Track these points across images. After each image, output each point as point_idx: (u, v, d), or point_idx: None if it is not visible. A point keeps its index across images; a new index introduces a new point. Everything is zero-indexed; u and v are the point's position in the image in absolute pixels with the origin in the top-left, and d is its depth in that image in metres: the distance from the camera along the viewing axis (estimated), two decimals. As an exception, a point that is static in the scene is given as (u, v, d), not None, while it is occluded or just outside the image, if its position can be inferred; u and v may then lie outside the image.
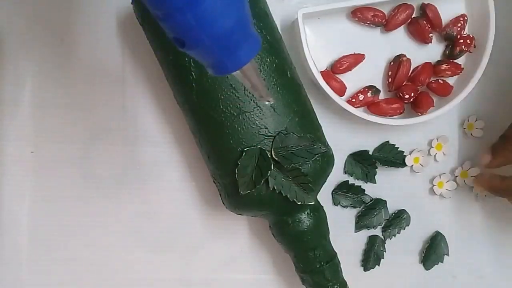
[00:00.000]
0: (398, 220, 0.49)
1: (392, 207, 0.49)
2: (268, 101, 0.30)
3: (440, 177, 0.49)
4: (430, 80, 0.47)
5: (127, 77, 0.45)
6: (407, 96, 0.46)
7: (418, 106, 0.47)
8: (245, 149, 0.38)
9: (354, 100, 0.46)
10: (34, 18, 0.44)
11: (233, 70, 0.26)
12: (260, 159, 0.38)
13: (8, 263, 0.44)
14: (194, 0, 0.23)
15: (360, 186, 0.48)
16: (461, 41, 0.47)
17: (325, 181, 0.43)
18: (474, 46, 0.47)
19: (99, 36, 0.45)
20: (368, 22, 0.47)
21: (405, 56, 0.47)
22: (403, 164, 0.48)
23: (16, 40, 0.44)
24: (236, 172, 0.38)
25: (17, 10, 0.44)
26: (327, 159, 0.41)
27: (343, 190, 0.48)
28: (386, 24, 0.47)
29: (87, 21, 0.44)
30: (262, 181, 0.38)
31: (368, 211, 0.48)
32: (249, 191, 0.38)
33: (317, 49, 0.46)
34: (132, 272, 0.46)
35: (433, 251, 0.49)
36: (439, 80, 0.48)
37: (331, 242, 0.43)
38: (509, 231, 0.51)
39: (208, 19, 0.24)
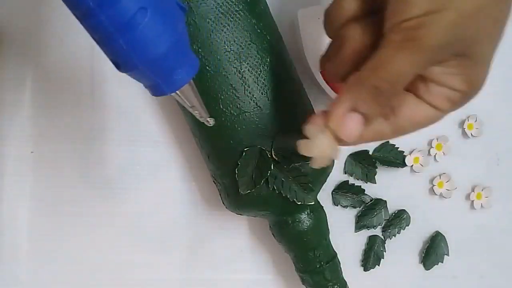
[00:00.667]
0: (398, 220, 0.49)
1: (392, 207, 0.49)
2: (209, 122, 0.30)
3: (440, 177, 0.49)
4: (430, 80, 0.47)
5: (127, 77, 0.45)
6: (407, 96, 0.46)
7: (418, 106, 0.47)
8: (245, 149, 0.38)
9: (354, 100, 0.46)
10: (34, 18, 0.44)
11: (169, 93, 0.27)
12: (260, 159, 0.38)
13: (8, 263, 0.44)
14: (125, 26, 0.23)
15: (360, 186, 0.48)
16: (461, 41, 0.47)
17: (325, 181, 0.43)
18: (474, 46, 0.47)
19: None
20: (368, 22, 0.47)
21: (405, 56, 0.47)
22: (403, 164, 0.48)
23: (16, 40, 0.44)
24: (236, 172, 0.38)
25: (17, 10, 0.44)
26: (327, 159, 0.41)
27: (343, 190, 0.48)
28: (386, 24, 0.47)
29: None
30: (262, 181, 0.38)
31: (368, 211, 0.48)
32: (249, 191, 0.38)
33: (317, 49, 0.46)
34: (132, 272, 0.46)
35: (433, 251, 0.49)
36: (439, 80, 0.47)
37: (331, 242, 0.43)
38: (509, 231, 0.51)
39: (140, 45, 0.24)
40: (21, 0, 0.44)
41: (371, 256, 0.48)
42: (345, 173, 0.48)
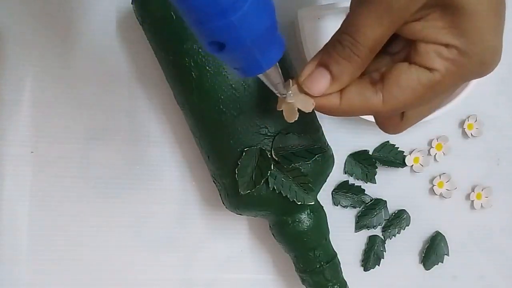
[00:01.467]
0: (398, 220, 0.49)
1: (392, 207, 0.49)
2: (287, 97, 0.30)
3: (440, 177, 0.49)
4: (430, 80, 0.47)
5: (127, 77, 0.45)
6: (407, 96, 0.46)
7: (418, 106, 0.47)
8: (245, 149, 0.38)
9: (354, 100, 0.46)
10: (34, 18, 0.44)
11: (267, 68, 0.27)
12: (260, 159, 0.38)
13: (8, 263, 0.44)
14: (237, 2, 0.23)
15: (360, 186, 0.48)
16: (461, 41, 0.47)
17: (325, 181, 0.43)
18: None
19: (99, 36, 0.45)
20: (368, 22, 0.47)
21: (405, 56, 0.47)
22: (403, 164, 0.48)
23: (16, 40, 0.44)
24: (236, 172, 0.38)
25: (18, 10, 0.44)
26: (327, 159, 0.41)
27: (343, 190, 0.48)
28: (386, 24, 0.47)
29: (87, 21, 0.44)
30: (262, 181, 0.38)
31: (368, 211, 0.48)
32: (249, 191, 0.38)
33: (317, 49, 0.46)
34: (132, 272, 0.46)
35: (433, 251, 0.49)
36: (439, 80, 0.47)
37: (331, 242, 0.43)
38: (509, 231, 0.51)
39: (250, 20, 0.24)
40: (21, 0, 0.44)
41: (371, 256, 0.48)
42: (345, 173, 0.48)
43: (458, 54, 0.26)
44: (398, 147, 0.48)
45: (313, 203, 0.40)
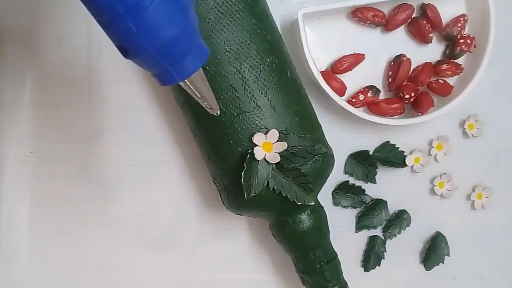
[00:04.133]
0: (399, 220, 0.49)
1: (392, 207, 0.49)
2: (217, 113, 0.29)
3: (440, 177, 0.49)
4: (430, 80, 0.47)
5: (127, 77, 0.45)
6: (407, 96, 0.46)
7: (418, 106, 0.47)
8: (249, 151, 0.38)
9: (354, 100, 0.46)
10: (34, 18, 0.44)
11: (179, 80, 0.26)
12: (263, 160, 0.38)
13: (8, 263, 0.44)
14: (135, 7, 0.23)
15: (361, 186, 0.48)
16: (461, 41, 0.47)
17: (325, 181, 0.42)
18: (474, 46, 0.47)
19: (99, 36, 0.44)
20: (368, 22, 0.47)
21: (405, 56, 0.47)
22: (403, 164, 0.48)
23: (16, 40, 0.44)
24: (242, 175, 0.38)
25: (17, 10, 0.44)
26: (327, 160, 0.41)
27: (343, 190, 0.48)
28: (386, 24, 0.47)
29: (87, 21, 0.44)
30: (265, 182, 0.38)
31: (369, 211, 0.48)
32: (254, 193, 0.38)
33: (317, 49, 0.46)
34: (132, 272, 0.46)
35: (433, 251, 0.49)
36: (439, 80, 0.47)
37: (331, 242, 0.43)
38: (509, 231, 0.51)
39: (150, 27, 0.23)
40: (21, 0, 0.44)
41: (372, 256, 0.48)
42: (346, 173, 0.48)
43: None
44: (398, 147, 0.48)
45: (313, 203, 0.40)
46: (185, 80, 0.26)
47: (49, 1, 0.44)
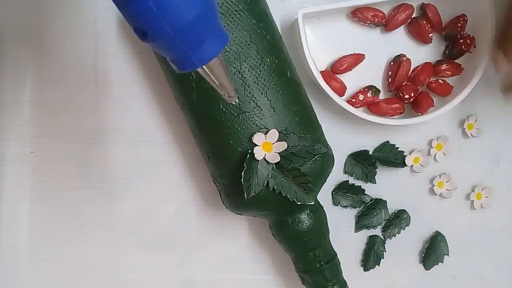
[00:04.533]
0: (398, 220, 0.49)
1: (392, 207, 0.49)
2: (235, 102, 0.28)
3: (440, 177, 0.49)
4: (430, 80, 0.48)
5: (127, 77, 0.45)
6: (407, 96, 0.46)
7: (418, 106, 0.47)
8: (249, 151, 0.38)
9: (354, 100, 0.46)
10: (34, 18, 0.44)
11: (199, 65, 0.25)
12: (262, 160, 0.38)
13: (8, 263, 0.44)
14: None
15: (360, 186, 0.48)
16: (461, 41, 0.47)
17: (325, 181, 0.43)
18: (474, 46, 0.47)
19: (99, 36, 0.45)
20: (368, 22, 0.47)
21: (405, 56, 0.47)
22: (403, 164, 0.48)
23: (16, 40, 0.44)
24: (242, 175, 0.38)
25: (17, 10, 0.44)
26: (327, 159, 0.41)
27: (343, 190, 0.48)
28: (386, 24, 0.47)
29: (87, 20, 0.44)
30: (265, 183, 0.38)
31: (368, 211, 0.48)
32: (254, 193, 0.38)
33: (317, 49, 0.46)
34: (132, 272, 0.46)
35: (433, 251, 0.49)
36: (439, 80, 0.48)
37: (331, 242, 0.43)
38: (509, 231, 0.51)
39: (171, 7, 0.22)
40: (21, 0, 0.44)
41: (371, 256, 0.48)
42: (345, 173, 0.48)
43: None
44: (398, 147, 0.48)
45: (313, 203, 0.40)
46: (204, 66, 0.25)
47: (49, 1, 0.44)
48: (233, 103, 0.29)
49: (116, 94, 0.45)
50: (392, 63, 0.47)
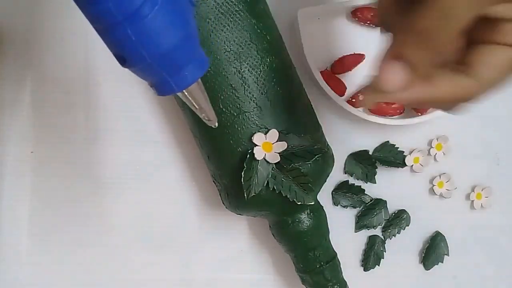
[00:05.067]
0: (398, 220, 0.49)
1: (392, 207, 0.49)
2: (215, 125, 0.29)
3: (440, 177, 0.49)
4: (430, 80, 0.47)
5: (127, 77, 0.45)
6: (407, 96, 0.46)
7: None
8: (249, 151, 0.38)
9: (354, 100, 0.46)
10: (34, 18, 0.44)
11: (178, 91, 0.25)
12: (262, 160, 0.38)
13: (8, 263, 0.44)
14: (134, 14, 0.22)
15: (360, 186, 0.48)
16: (461, 41, 0.47)
17: (325, 181, 0.43)
18: (474, 46, 0.47)
19: (98, 36, 0.44)
20: (368, 22, 0.47)
21: (405, 56, 0.47)
22: (403, 164, 0.48)
23: (16, 40, 0.44)
24: (242, 175, 0.38)
25: (17, 10, 0.44)
26: (327, 159, 0.41)
27: (343, 190, 0.48)
28: (386, 24, 0.47)
29: (87, 21, 0.44)
30: (265, 182, 0.38)
31: (368, 211, 0.48)
32: (254, 193, 0.38)
33: (317, 49, 0.46)
34: (132, 272, 0.46)
35: (433, 251, 0.49)
36: (439, 80, 0.47)
37: (331, 242, 0.43)
38: (509, 231, 0.51)
39: (149, 35, 0.23)
40: (21, 0, 0.44)
41: (371, 256, 0.48)
42: (345, 173, 0.48)
43: None
44: (398, 147, 0.48)
45: (313, 203, 0.40)
46: (184, 91, 0.26)
47: (49, 1, 0.44)
48: (213, 127, 0.29)
49: (116, 94, 0.45)
50: (392, 63, 0.47)
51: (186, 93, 0.26)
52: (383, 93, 0.27)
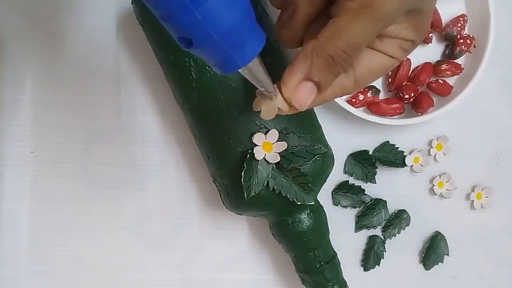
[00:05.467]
0: (398, 220, 0.49)
1: (392, 207, 0.49)
2: (275, 95, 0.30)
3: (440, 177, 0.49)
4: (430, 80, 0.48)
5: (127, 77, 0.45)
6: (407, 96, 0.46)
7: (418, 106, 0.47)
8: (249, 151, 0.38)
9: (354, 100, 0.46)
10: (34, 18, 0.44)
11: (242, 65, 0.26)
12: (262, 160, 0.38)
13: (8, 263, 0.44)
14: None
15: (360, 186, 0.48)
16: (461, 41, 0.47)
17: (325, 181, 0.43)
18: (474, 46, 0.47)
19: (99, 36, 0.45)
20: (368, 22, 0.47)
21: (405, 56, 0.47)
22: (403, 164, 0.48)
23: (16, 40, 0.44)
24: (242, 175, 0.38)
25: (17, 10, 0.44)
26: (327, 159, 0.41)
27: (343, 190, 0.48)
28: (386, 24, 0.47)
29: (87, 21, 0.44)
30: (265, 183, 0.38)
31: (368, 211, 0.48)
32: (254, 193, 0.38)
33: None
34: (132, 272, 0.46)
35: (433, 251, 0.49)
36: (439, 80, 0.48)
37: (331, 242, 0.43)
38: (509, 231, 0.51)
39: (216, 14, 0.23)
40: (21, 0, 0.44)
41: (371, 256, 0.48)
42: (345, 173, 0.48)
43: (412, 45, 0.31)
44: (398, 147, 0.48)
45: (313, 203, 0.40)
46: (247, 65, 0.26)
47: (49, 1, 0.44)
48: (275, 98, 0.30)
49: (116, 94, 0.45)
50: (392, 63, 0.47)
51: (247, 69, 0.27)
52: (291, 108, 0.30)
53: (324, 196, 0.47)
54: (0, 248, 0.44)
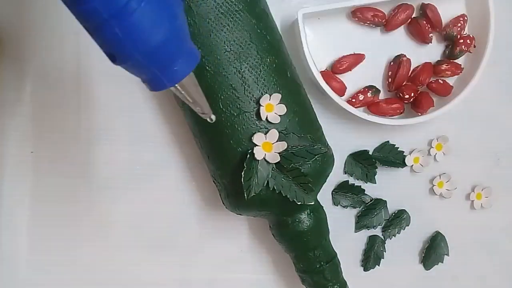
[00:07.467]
0: (398, 220, 0.49)
1: (392, 207, 0.49)
2: (211, 118, 0.29)
3: (440, 177, 0.49)
4: (430, 80, 0.48)
5: (127, 77, 0.45)
6: (407, 96, 0.46)
7: (418, 106, 0.47)
8: (249, 151, 0.38)
9: (354, 100, 0.46)
10: (34, 19, 0.44)
11: (169, 86, 0.26)
12: (262, 160, 0.38)
13: (8, 263, 0.44)
14: (120, 12, 0.22)
15: (360, 186, 0.48)
16: (461, 41, 0.47)
17: (325, 181, 0.43)
18: (474, 46, 0.47)
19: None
20: (368, 22, 0.47)
21: (405, 56, 0.47)
22: (403, 164, 0.48)
23: (16, 40, 0.44)
24: (242, 175, 0.38)
25: (17, 10, 0.44)
26: (327, 159, 0.41)
27: (343, 190, 0.48)
28: (386, 24, 0.47)
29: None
30: (265, 183, 0.38)
31: (368, 211, 0.48)
32: (254, 193, 0.38)
33: (317, 49, 0.46)
34: (132, 273, 0.46)
35: (433, 251, 0.49)
36: (439, 80, 0.48)
37: (331, 242, 0.43)
38: (509, 231, 0.51)
39: (137, 32, 0.23)
40: (21, 0, 0.44)
41: (371, 256, 0.48)
42: (345, 173, 0.48)
43: None
44: (398, 147, 0.48)
45: (313, 203, 0.40)
46: (176, 85, 0.26)
47: (49, 1, 0.44)
48: (209, 120, 0.29)
49: (116, 94, 0.45)
50: (392, 63, 0.47)
51: (178, 88, 0.26)
52: None
53: (324, 196, 0.47)
54: (0, 248, 0.44)
